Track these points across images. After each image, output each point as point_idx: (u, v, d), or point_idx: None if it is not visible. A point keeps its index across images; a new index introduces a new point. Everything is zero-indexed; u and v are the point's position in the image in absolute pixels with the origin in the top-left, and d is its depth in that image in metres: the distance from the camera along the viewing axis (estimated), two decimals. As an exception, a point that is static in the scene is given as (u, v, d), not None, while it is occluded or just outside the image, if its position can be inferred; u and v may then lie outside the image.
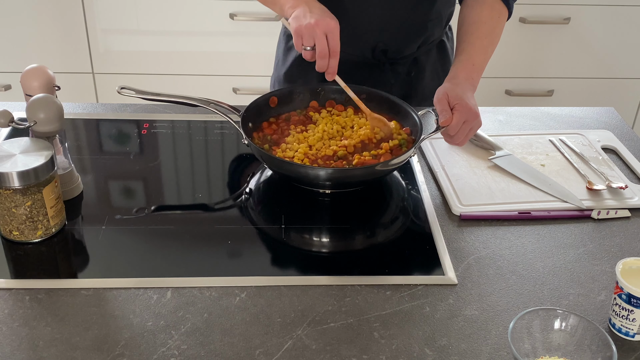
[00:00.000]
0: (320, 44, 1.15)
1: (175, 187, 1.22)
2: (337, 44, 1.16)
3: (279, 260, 1.06)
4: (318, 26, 1.14)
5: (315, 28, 1.14)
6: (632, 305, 0.90)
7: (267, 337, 0.90)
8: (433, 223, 1.13)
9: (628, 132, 1.42)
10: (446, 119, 1.17)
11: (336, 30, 1.16)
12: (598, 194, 1.20)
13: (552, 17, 2.45)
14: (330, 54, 1.16)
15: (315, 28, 1.14)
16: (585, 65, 2.55)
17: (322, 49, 1.15)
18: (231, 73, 2.49)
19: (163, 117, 1.40)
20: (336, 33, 1.16)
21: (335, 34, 1.16)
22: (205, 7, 2.38)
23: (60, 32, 2.40)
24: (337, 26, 1.16)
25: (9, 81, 2.46)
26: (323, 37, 1.15)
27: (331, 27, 1.15)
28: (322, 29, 1.14)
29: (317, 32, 1.14)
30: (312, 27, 1.14)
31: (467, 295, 0.99)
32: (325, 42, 1.15)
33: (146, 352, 0.87)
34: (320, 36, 1.15)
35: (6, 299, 0.95)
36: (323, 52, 1.16)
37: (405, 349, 0.89)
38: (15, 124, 1.05)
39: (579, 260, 1.06)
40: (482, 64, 1.29)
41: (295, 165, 1.12)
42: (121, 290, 0.97)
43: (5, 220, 1.02)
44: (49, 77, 1.13)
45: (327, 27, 1.15)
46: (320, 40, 1.15)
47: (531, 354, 0.87)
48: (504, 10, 1.32)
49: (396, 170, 1.25)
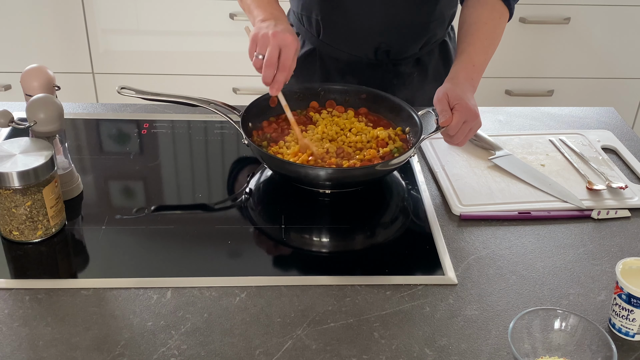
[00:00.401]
0: (270, 54, 1.11)
1: (175, 187, 1.22)
2: (289, 59, 1.12)
3: (279, 260, 1.06)
4: (275, 37, 1.11)
5: (271, 38, 1.12)
6: (632, 305, 0.90)
7: (267, 337, 0.90)
8: (433, 223, 1.13)
9: (628, 132, 1.42)
10: (446, 119, 1.17)
11: (292, 46, 1.12)
12: (598, 194, 1.20)
13: (552, 17, 2.45)
14: (279, 66, 1.13)
15: (271, 38, 1.12)
16: (585, 65, 2.55)
17: (270, 59, 1.11)
18: (231, 73, 2.49)
19: (163, 117, 1.40)
20: (291, 49, 1.12)
21: (289, 50, 1.12)
22: (205, 7, 2.38)
23: (60, 32, 2.40)
24: (295, 44, 1.13)
25: (9, 81, 2.46)
26: (276, 48, 1.12)
27: (287, 42, 1.12)
28: (277, 41, 1.11)
29: (271, 42, 1.12)
30: (267, 37, 1.12)
31: (467, 295, 0.99)
32: (275, 53, 1.12)
33: (146, 352, 0.87)
34: (273, 46, 1.11)
35: (6, 299, 0.95)
36: (269, 62, 1.12)
37: (405, 349, 0.89)
38: (15, 124, 1.05)
39: (579, 260, 1.06)
40: (483, 65, 1.29)
41: (295, 165, 1.12)
42: (121, 290, 0.97)
43: (5, 220, 1.02)
44: (49, 77, 1.13)
45: (282, 41, 1.12)
46: (272, 50, 1.11)
47: (531, 354, 0.87)
48: (505, 11, 1.32)
49: (396, 170, 1.25)
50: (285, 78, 1.14)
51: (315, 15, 1.39)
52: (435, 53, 1.46)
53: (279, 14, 1.21)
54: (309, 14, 1.40)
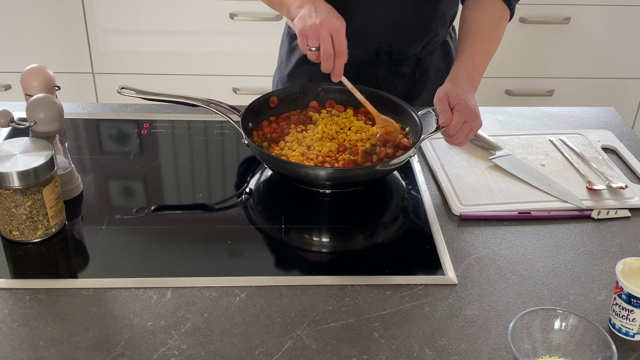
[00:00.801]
0: (325, 45, 1.12)
1: (175, 187, 1.22)
2: (343, 44, 1.14)
3: (279, 260, 1.06)
4: (323, 26, 1.12)
5: (320, 28, 1.12)
6: (632, 305, 0.90)
7: (267, 337, 0.90)
8: (433, 223, 1.13)
9: (628, 132, 1.42)
10: (446, 119, 1.17)
11: (342, 30, 1.13)
12: (598, 194, 1.20)
13: (552, 17, 2.45)
14: (335, 54, 1.14)
15: (320, 28, 1.12)
16: (585, 65, 2.55)
17: (327, 50, 1.13)
18: (231, 73, 2.49)
19: (163, 117, 1.40)
20: (342, 33, 1.13)
21: (341, 35, 1.13)
22: (205, 7, 2.38)
23: (60, 32, 2.40)
24: (343, 26, 1.14)
25: (9, 81, 2.46)
26: (328, 37, 1.12)
27: (337, 27, 1.12)
28: (327, 29, 1.12)
29: (321, 33, 1.12)
30: (316, 28, 1.12)
31: (467, 295, 0.99)
32: (330, 42, 1.13)
33: (146, 352, 0.87)
34: (325, 37, 1.12)
35: (6, 299, 0.95)
36: (328, 53, 1.13)
37: (405, 349, 0.89)
38: (15, 124, 1.05)
39: (579, 260, 1.06)
40: (483, 65, 1.29)
41: (295, 165, 1.12)
42: (121, 290, 0.97)
43: (5, 220, 1.02)
44: (49, 77, 1.13)
45: (332, 27, 1.12)
46: (325, 40, 1.12)
47: (531, 354, 0.87)
48: (506, 11, 1.32)
49: (396, 170, 1.25)
50: (343, 62, 1.15)
51: (317, 16, 1.39)
52: (437, 53, 1.46)
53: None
54: (311, 14, 1.40)
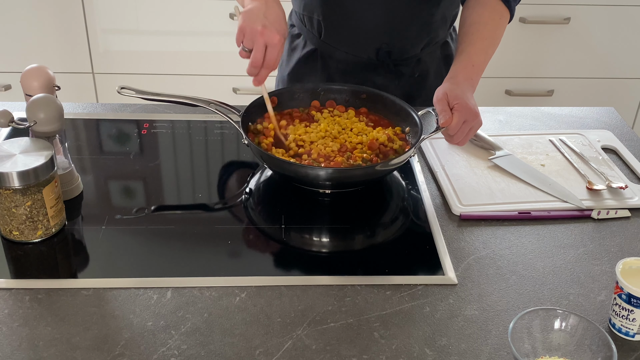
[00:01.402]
0: (256, 53, 1.12)
1: (175, 187, 1.22)
2: (273, 59, 1.13)
3: (279, 260, 1.06)
4: (262, 35, 1.11)
5: (257, 36, 1.11)
6: (632, 305, 0.90)
7: (267, 337, 0.90)
8: (433, 223, 1.13)
9: (628, 132, 1.42)
10: (446, 119, 1.17)
11: (277, 46, 1.13)
12: (598, 194, 1.20)
13: (552, 17, 2.45)
14: (263, 64, 1.14)
15: (257, 36, 1.11)
16: (585, 65, 2.55)
17: (256, 60, 1.12)
18: (231, 73, 2.49)
19: (163, 117, 1.40)
20: (277, 48, 1.13)
21: (275, 49, 1.13)
22: (205, 7, 2.38)
23: (60, 32, 2.40)
24: (281, 42, 1.13)
25: (9, 81, 2.46)
26: (262, 47, 1.12)
27: (274, 42, 1.12)
28: (265, 39, 1.11)
29: (258, 40, 1.12)
30: (255, 33, 1.12)
31: (467, 295, 0.99)
32: (262, 52, 1.12)
33: (146, 352, 0.87)
34: (259, 45, 1.12)
35: (6, 299, 0.95)
36: (256, 62, 1.13)
37: (405, 349, 0.89)
38: (15, 124, 1.05)
39: (579, 260, 1.06)
40: (482, 65, 1.29)
41: (295, 165, 1.12)
42: (121, 290, 0.97)
43: (5, 220, 1.02)
44: (49, 77, 1.13)
45: (269, 39, 1.12)
46: (258, 49, 1.12)
47: (531, 354, 0.87)
48: (506, 12, 1.32)
49: (396, 170, 1.25)
50: (268, 73, 1.15)
51: (317, 16, 1.39)
52: (437, 53, 1.46)
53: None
54: (311, 15, 1.40)
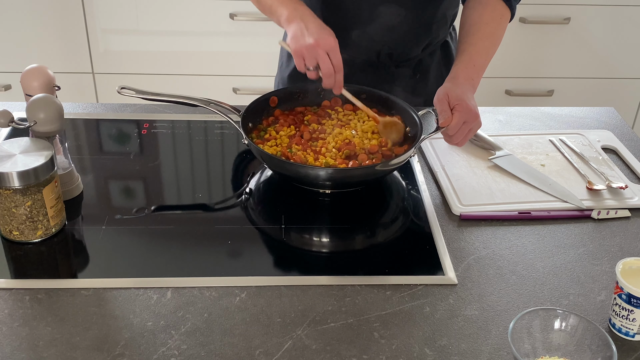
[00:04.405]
0: (325, 65, 1.13)
1: (175, 187, 1.22)
2: (340, 61, 1.15)
3: (279, 260, 1.06)
4: (319, 46, 1.12)
5: (316, 49, 1.13)
6: (632, 305, 0.90)
7: (267, 337, 0.90)
8: (433, 223, 1.13)
9: (628, 132, 1.42)
10: (446, 120, 1.17)
11: (337, 47, 1.14)
12: (598, 194, 1.20)
13: (552, 17, 2.45)
14: (335, 70, 1.15)
15: (316, 49, 1.13)
16: (585, 65, 2.55)
17: (328, 70, 1.14)
18: (231, 73, 2.49)
19: (163, 117, 1.40)
20: (337, 50, 1.14)
21: (337, 52, 1.14)
22: (205, 7, 2.38)
23: (60, 32, 2.40)
24: (337, 42, 1.15)
25: (9, 81, 2.46)
26: (326, 56, 1.13)
27: (332, 46, 1.13)
28: (324, 48, 1.13)
29: (319, 53, 1.13)
30: (312, 48, 1.13)
31: (467, 295, 0.99)
32: (329, 61, 1.13)
33: (146, 352, 0.87)
34: (322, 56, 1.13)
35: (6, 299, 0.95)
36: (329, 72, 1.14)
37: (405, 349, 0.89)
38: (15, 124, 1.05)
39: (579, 260, 1.06)
40: (483, 65, 1.29)
41: (295, 165, 1.12)
42: (121, 290, 0.97)
43: (5, 220, 1.02)
44: (49, 77, 1.13)
45: (327, 46, 1.13)
46: (324, 60, 1.13)
47: (531, 354, 0.87)
48: (507, 11, 1.32)
49: (396, 170, 1.25)
50: (342, 76, 1.17)
51: (318, 18, 1.39)
52: (437, 54, 1.46)
53: (302, 7, 1.21)
54: (312, 17, 1.40)
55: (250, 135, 1.22)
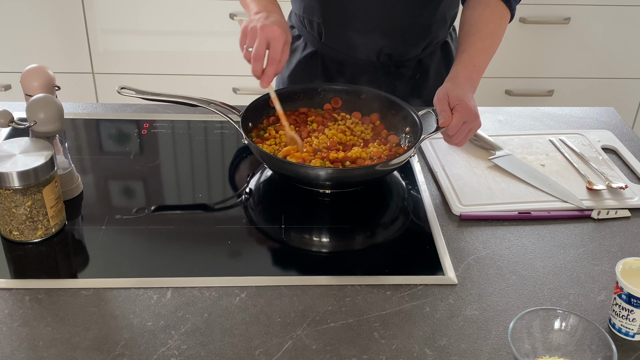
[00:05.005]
0: (257, 47, 1.13)
1: (175, 187, 1.22)
2: (277, 52, 1.13)
3: (279, 260, 1.06)
4: (262, 30, 1.13)
5: (259, 31, 1.13)
6: (632, 305, 0.90)
7: (267, 337, 0.90)
8: (433, 223, 1.13)
9: (628, 132, 1.42)
10: (446, 120, 1.17)
11: (280, 39, 1.13)
12: (598, 194, 1.20)
13: (552, 17, 2.45)
14: (268, 61, 1.14)
15: (259, 31, 1.13)
16: (585, 65, 2.55)
17: (257, 52, 1.13)
18: (231, 73, 2.49)
19: (163, 117, 1.40)
20: (279, 42, 1.13)
21: (277, 43, 1.13)
22: (205, 7, 2.38)
23: (60, 32, 2.40)
24: (283, 36, 1.14)
25: (9, 81, 2.46)
26: (264, 41, 1.13)
27: (275, 35, 1.13)
28: (266, 34, 1.13)
29: (259, 35, 1.13)
30: (255, 30, 1.13)
31: (467, 295, 0.99)
32: (263, 46, 1.13)
33: (146, 352, 0.87)
34: (261, 40, 1.13)
35: (6, 299, 0.95)
36: (257, 55, 1.13)
37: (405, 349, 0.89)
38: (15, 124, 1.05)
39: (579, 260, 1.06)
40: (483, 65, 1.29)
41: (295, 165, 1.12)
42: (121, 290, 0.97)
43: (5, 220, 1.02)
44: (49, 77, 1.13)
45: (271, 34, 1.13)
46: (259, 43, 1.13)
47: (531, 354, 0.87)
48: (506, 12, 1.32)
49: (396, 170, 1.25)
50: (274, 70, 1.15)
51: (317, 19, 1.39)
52: (437, 54, 1.46)
53: (273, 7, 1.22)
54: (311, 17, 1.40)
55: (250, 135, 1.22)
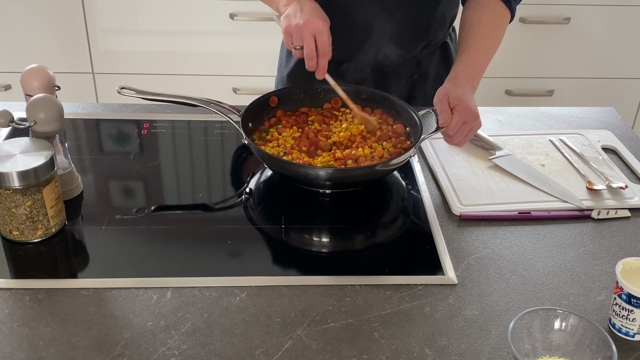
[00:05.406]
0: (308, 45, 1.15)
1: (175, 187, 1.22)
2: (326, 44, 1.16)
3: (279, 260, 1.06)
4: (306, 27, 1.14)
5: (303, 29, 1.15)
6: (632, 305, 0.90)
7: (267, 337, 0.90)
8: (433, 223, 1.13)
9: (628, 132, 1.42)
10: (446, 120, 1.17)
11: (324, 31, 1.16)
12: (598, 194, 1.20)
13: (552, 17, 2.45)
14: (318, 54, 1.16)
15: (303, 29, 1.15)
16: (585, 65, 2.55)
17: (310, 51, 1.16)
18: (231, 73, 2.49)
19: (163, 117, 1.40)
20: (324, 34, 1.16)
21: (323, 35, 1.16)
22: (205, 7, 2.38)
23: (60, 32, 2.40)
24: (326, 27, 1.16)
25: (9, 81, 2.46)
26: (311, 38, 1.15)
27: (319, 29, 1.15)
28: (311, 30, 1.14)
29: (305, 33, 1.15)
30: (300, 28, 1.15)
31: (467, 295, 0.99)
32: (312, 43, 1.15)
33: (146, 352, 0.87)
34: (308, 37, 1.15)
35: (6, 299, 0.95)
36: (310, 54, 1.16)
37: (405, 349, 0.89)
38: (15, 124, 1.05)
39: (579, 260, 1.06)
40: (483, 65, 1.29)
41: (295, 165, 1.12)
42: (121, 290, 0.97)
43: (5, 220, 1.02)
44: (49, 77, 1.13)
45: (315, 28, 1.15)
46: (308, 41, 1.15)
47: (531, 354, 0.87)
48: (506, 12, 1.32)
49: (396, 170, 1.25)
50: (327, 61, 1.18)
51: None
52: (436, 54, 1.46)
53: None
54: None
55: (252, 137, 1.22)
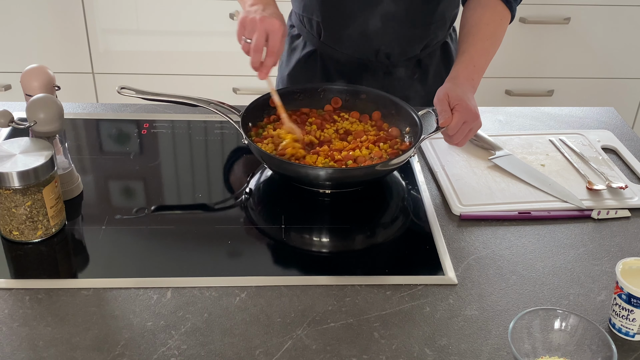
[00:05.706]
0: (257, 39, 1.14)
1: (175, 187, 1.22)
2: (276, 44, 1.14)
3: (279, 260, 1.06)
4: (262, 22, 1.13)
5: (258, 23, 1.14)
6: (632, 305, 0.90)
7: (267, 337, 0.90)
8: (433, 223, 1.13)
9: (628, 132, 1.42)
10: (446, 120, 1.17)
11: (278, 31, 1.14)
12: (598, 194, 1.20)
13: (552, 17, 2.45)
14: (267, 52, 1.15)
15: (258, 23, 1.14)
16: (585, 65, 2.55)
17: (257, 44, 1.14)
18: (231, 73, 2.49)
19: (163, 117, 1.40)
20: (278, 34, 1.14)
21: (276, 35, 1.14)
22: (205, 7, 2.38)
23: (60, 32, 2.40)
24: (281, 29, 1.15)
25: (9, 81, 2.46)
26: (263, 33, 1.14)
27: (275, 28, 1.14)
28: (265, 26, 1.13)
29: (258, 27, 1.14)
30: (254, 21, 1.14)
31: (467, 295, 0.99)
32: (262, 38, 1.14)
33: (146, 352, 0.87)
34: (260, 32, 1.13)
35: (6, 299, 0.95)
36: (257, 47, 1.14)
37: (405, 349, 0.89)
38: (15, 124, 1.05)
39: (579, 260, 1.06)
40: (483, 65, 1.29)
41: (295, 165, 1.12)
42: (121, 290, 0.97)
43: (5, 220, 1.02)
44: (49, 77, 1.13)
45: (270, 26, 1.14)
46: (259, 35, 1.14)
47: (531, 354, 0.87)
48: (507, 13, 1.32)
49: (396, 170, 1.25)
50: (273, 62, 1.16)
51: (316, 17, 1.39)
52: (437, 54, 1.46)
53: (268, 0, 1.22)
54: (310, 16, 1.40)
55: (249, 134, 1.22)
